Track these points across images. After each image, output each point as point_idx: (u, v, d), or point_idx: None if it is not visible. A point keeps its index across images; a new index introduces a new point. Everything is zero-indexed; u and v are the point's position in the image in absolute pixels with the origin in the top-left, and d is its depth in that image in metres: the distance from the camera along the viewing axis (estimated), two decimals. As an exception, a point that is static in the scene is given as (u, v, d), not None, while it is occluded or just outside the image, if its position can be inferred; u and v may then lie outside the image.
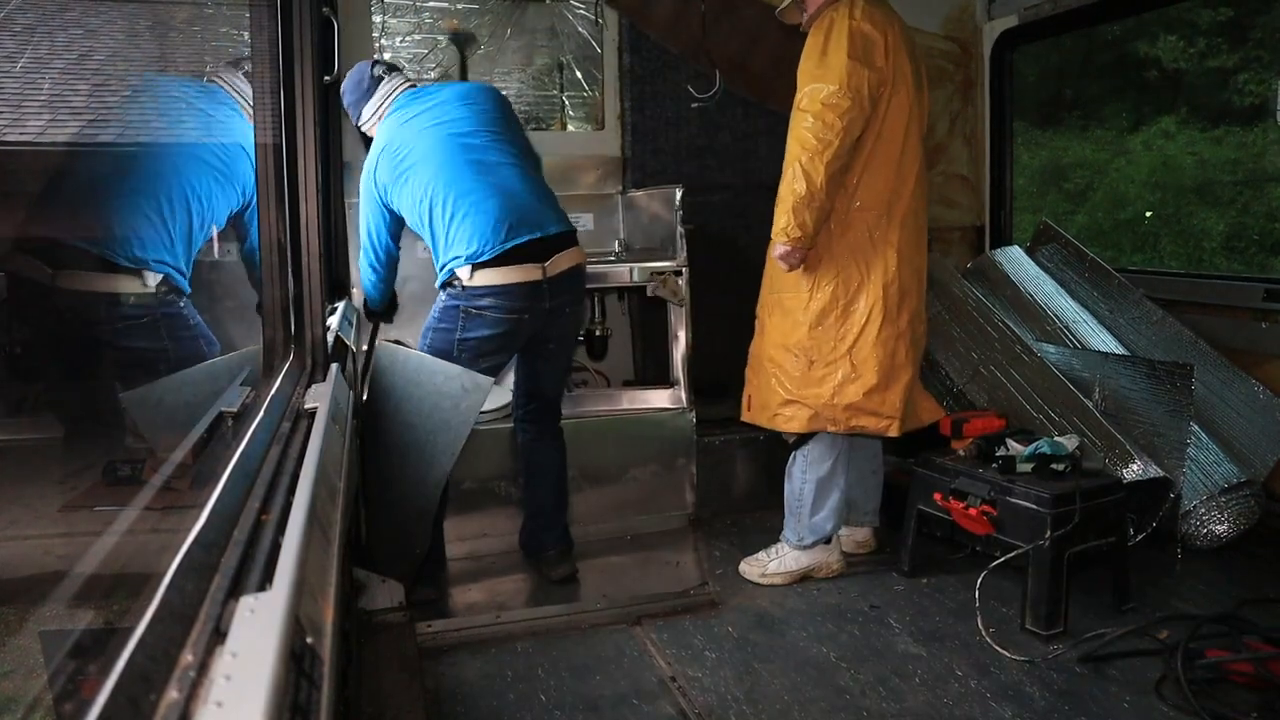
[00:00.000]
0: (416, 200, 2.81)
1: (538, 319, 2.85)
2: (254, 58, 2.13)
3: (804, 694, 2.33)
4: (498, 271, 2.76)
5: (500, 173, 2.83)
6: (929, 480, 2.88)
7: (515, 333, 2.84)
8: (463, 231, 2.74)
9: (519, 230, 2.77)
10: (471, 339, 2.80)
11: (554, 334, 2.96)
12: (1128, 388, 3.21)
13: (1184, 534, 3.08)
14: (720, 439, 3.59)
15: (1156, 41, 7.58)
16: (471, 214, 2.75)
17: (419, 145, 2.82)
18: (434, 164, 2.78)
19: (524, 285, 2.78)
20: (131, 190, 2.33)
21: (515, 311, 2.80)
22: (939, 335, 3.86)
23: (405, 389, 2.77)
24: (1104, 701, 2.26)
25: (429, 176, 2.78)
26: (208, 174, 2.48)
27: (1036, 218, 4.66)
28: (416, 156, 2.81)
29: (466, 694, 2.36)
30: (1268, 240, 7.04)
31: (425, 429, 2.76)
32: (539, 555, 3.09)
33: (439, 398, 2.75)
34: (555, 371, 3.08)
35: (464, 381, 2.75)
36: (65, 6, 2.43)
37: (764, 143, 4.30)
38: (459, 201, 2.76)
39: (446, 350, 2.81)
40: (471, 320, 2.80)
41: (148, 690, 0.71)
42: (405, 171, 2.81)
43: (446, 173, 2.78)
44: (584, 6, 4.01)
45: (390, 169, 2.84)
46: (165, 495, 1.47)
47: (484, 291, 2.76)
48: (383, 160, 2.86)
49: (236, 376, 2.02)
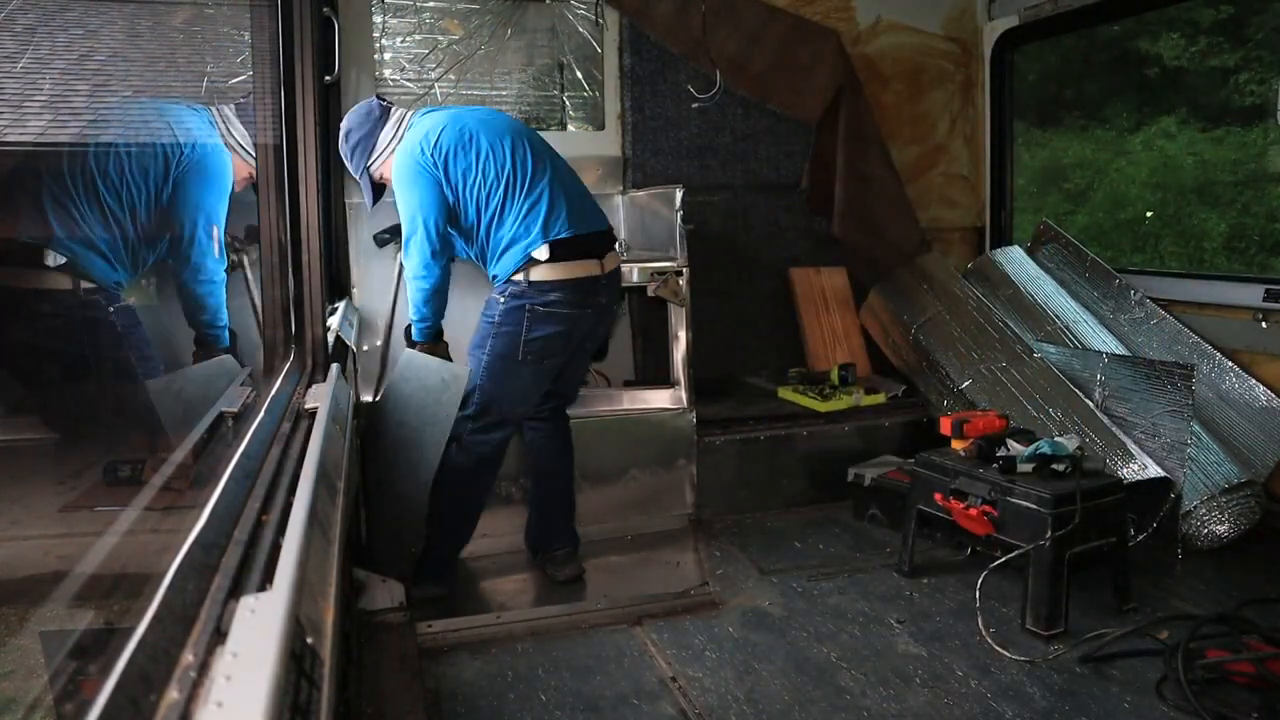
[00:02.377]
0: (491, 175, 2.68)
1: (595, 315, 2.85)
2: (254, 58, 2.13)
3: (804, 694, 2.33)
4: (565, 266, 2.72)
5: (560, 166, 2.85)
6: (929, 480, 2.88)
7: (575, 330, 2.81)
8: (539, 210, 2.70)
9: (585, 222, 2.78)
10: (538, 338, 2.75)
11: (596, 332, 2.96)
12: (1128, 388, 3.21)
13: (1184, 534, 3.08)
14: (720, 439, 3.59)
15: (1157, 41, 7.58)
16: (548, 194, 2.72)
17: (485, 124, 2.75)
18: (508, 141, 2.73)
19: (587, 280, 2.77)
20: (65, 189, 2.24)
21: (579, 307, 2.77)
22: (939, 335, 3.86)
23: (396, 385, 2.77)
24: (1104, 702, 2.26)
25: (506, 151, 2.71)
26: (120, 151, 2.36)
27: (1036, 218, 4.66)
28: (487, 133, 2.73)
29: (467, 694, 2.36)
30: (1268, 240, 7.04)
31: (414, 425, 2.75)
32: (545, 555, 3.08)
33: (424, 393, 2.74)
34: (580, 370, 3.08)
35: (443, 374, 2.73)
36: (65, 7, 2.42)
37: (764, 143, 4.31)
38: (536, 180, 2.72)
39: (512, 354, 2.74)
40: (538, 319, 2.73)
41: (148, 690, 0.71)
42: (477, 146, 2.70)
43: (522, 151, 2.73)
44: (584, 6, 4.01)
45: (456, 142, 2.69)
46: (165, 496, 1.47)
47: (550, 287, 2.72)
48: (445, 134, 2.70)
49: (236, 377, 2.02)
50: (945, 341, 3.81)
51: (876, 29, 4.46)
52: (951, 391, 3.70)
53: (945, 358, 3.77)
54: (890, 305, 4.14)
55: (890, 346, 4.16)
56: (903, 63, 4.53)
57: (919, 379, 3.94)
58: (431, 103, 3.82)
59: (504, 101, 3.96)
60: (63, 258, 2.15)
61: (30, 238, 2.16)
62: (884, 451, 3.72)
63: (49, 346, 2.18)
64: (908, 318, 4.01)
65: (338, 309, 2.96)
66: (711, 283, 4.05)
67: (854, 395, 3.83)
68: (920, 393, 3.93)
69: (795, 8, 4.23)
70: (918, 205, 4.43)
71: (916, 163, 4.59)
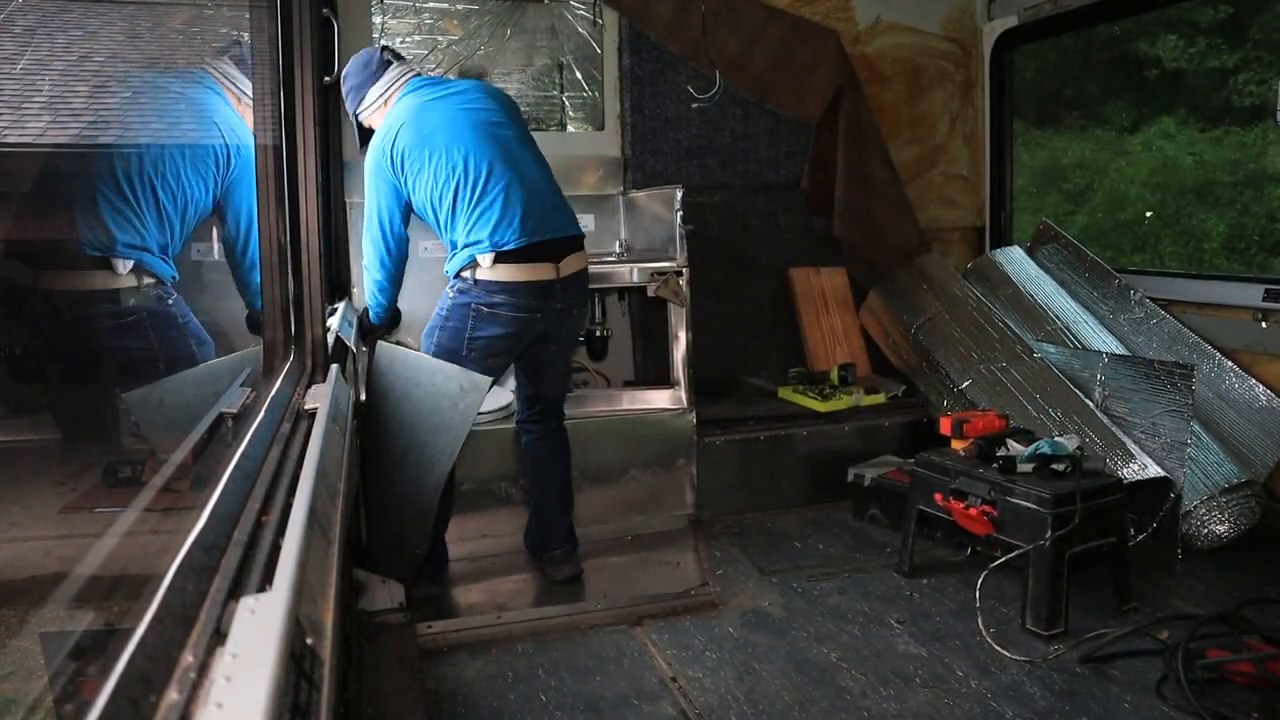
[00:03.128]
0: (442, 178, 2.71)
1: (548, 319, 2.84)
2: (254, 58, 2.13)
3: (804, 694, 2.33)
4: (515, 268, 2.73)
5: (525, 168, 2.82)
6: (929, 480, 2.88)
7: (524, 332, 2.82)
8: (489, 216, 2.70)
9: (542, 229, 2.75)
10: (482, 337, 2.78)
11: (559, 335, 2.95)
12: (1128, 388, 3.21)
13: (1184, 534, 3.08)
14: (720, 439, 3.59)
15: (1156, 41, 7.58)
16: (500, 200, 2.71)
17: (447, 123, 2.75)
18: (465, 143, 2.72)
19: (538, 284, 2.76)
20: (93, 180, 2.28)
21: (528, 310, 2.78)
22: (939, 335, 3.86)
23: (405, 389, 2.77)
24: (1104, 702, 2.26)
25: (460, 154, 2.71)
26: (175, 155, 2.41)
27: (1036, 218, 4.66)
28: (446, 134, 2.73)
29: (467, 694, 2.36)
30: (1267, 240, 7.04)
31: (425, 429, 2.75)
32: (544, 555, 3.08)
33: (438, 398, 2.75)
34: (558, 374, 3.08)
35: (462, 382, 2.74)
36: (64, 8, 2.42)
37: (764, 143, 4.31)
38: (489, 185, 2.71)
39: (456, 349, 2.78)
40: (483, 318, 2.76)
41: (148, 691, 0.71)
42: (431, 146, 2.72)
43: (478, 154, 2.72)
44: (584, 6, 4.01)
45: (413, 142, 2.73)
46: (165, 496, 1.47)
47: (498, 288, 2.73)
48: (404, 133, 2.74)
49: (237, 377, 2.02)
50: (945, 341, 3.81)
51: (876, 29, 4.46)
52: (951, 391, 3.70)
53: (945, 358, 3.77)
54: (890, 305, 4.14)
55: (890, 346, 4.16)
56: (902, 63, 4.53)
57: (919, 379, 3.94)
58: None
59: (504, 102, 3.96)
60: (129, 260, 2.19)
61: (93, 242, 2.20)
62: (884, 451, 3.72)
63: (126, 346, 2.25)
64: (908, 318, 4.02)
65: (338, 309, 2.95)
66: (711, 283, 4.05)
67: (854, 395, 3.83)
68: (920, 393, 3.93)
69: (795, 8, 4.23)
70: (918, 205, 4.43)
71: (916, 163, 4.60)
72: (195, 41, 2.96)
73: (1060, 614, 2.58)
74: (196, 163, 2.45)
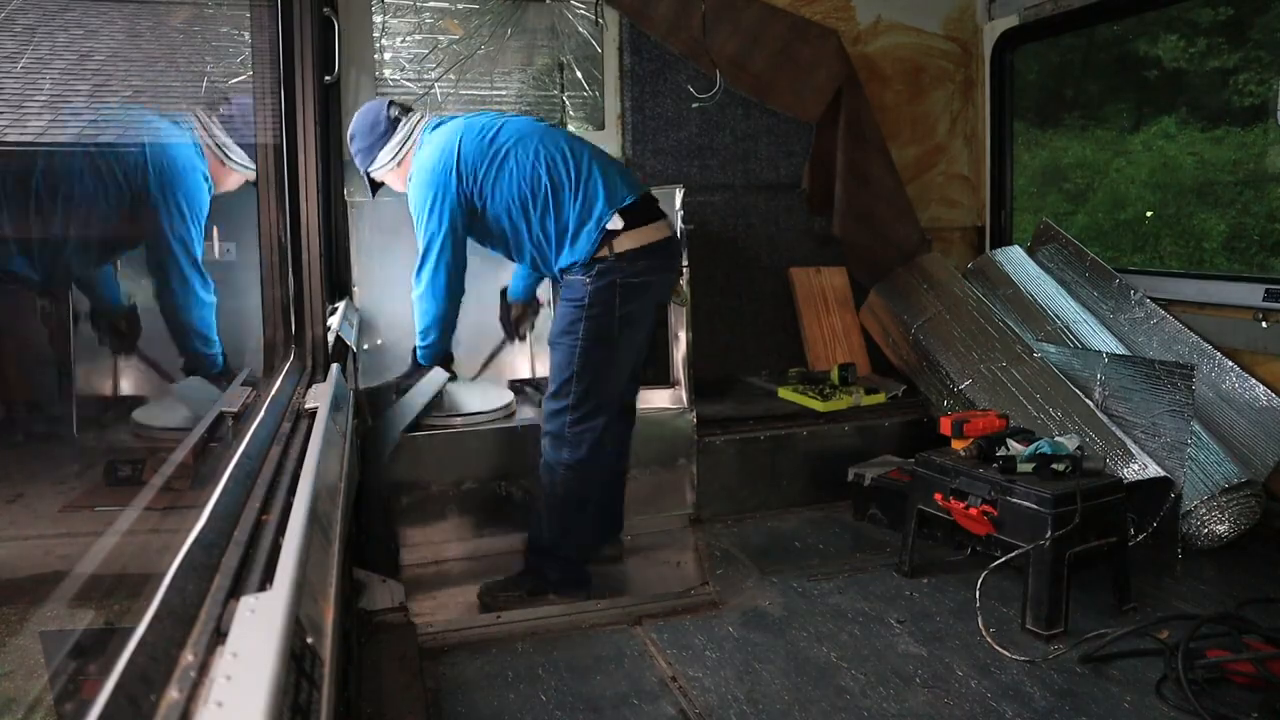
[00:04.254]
0: (527, 167, 2.64)
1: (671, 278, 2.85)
2: (254, 58, 2.13)
3: (804, 694, 2.33)
4: (642, 232, 2.68)
5: (587, 143, 2.82)
6: (929, 480, 2.88)
7: (658, 296, 2.79)
8: (594, 184, 2.66)
9: (638, 189, 2.75)
10: (633, 309, 2.70)
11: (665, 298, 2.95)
12: (1128, 387, 3.21)
13: (1184, 534, 3.08)
14: (720, 439, 3.59)
15: (1157, 42, 7.58)
16: (596, 167, 2.69)
17: (500, 126, 2.72)
18: (530, 134, 2.70)
19: (666, 242, 2.76)
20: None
21: (666, 270, 2.77)
22: (939, 335, 3.86)
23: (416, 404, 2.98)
24: (1104, 702, 2.26)
25: (535, 141, 2.68)
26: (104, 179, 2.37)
27: (1036, 218, 4.65)
28: (506, 133, 2.70)
29: (467, 694, 2.36)
30: (1268, 240, 7.04)
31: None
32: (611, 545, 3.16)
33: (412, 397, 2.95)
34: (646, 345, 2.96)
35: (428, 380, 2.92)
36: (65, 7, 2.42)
37: (764, 143, 4.31)
38: (578, 159, 2.68)
39: (607, 334, 2.68)
40: (630, 291, 2.67)
41: (148, 690, 0.71)
42: (497, 146, 2.66)
43: (549, 139, 2.70)
44: (584, 6, 4.01)
45: (477, 150, 2.65)
46: (165, 496, 1.47)
47: (640, 254, 2.67)
48: (465, 145, 2.65)
49: (236, 377, 2.02)
50: (945, 341, 3.81)
51: (876, 29, 4.47)
52: (951, 391, 3.70)
53: (945, 358, 3.77)
54: (890, 305, 4.14)
55: (890, 346, 4.16)
56: (903, 63, 4.53)
57: (919, 379, 3.94)
58: (431, 102, 3.83)
59: (504, 101, 3.97)
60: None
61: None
62: (884, 451, 3.72)
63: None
64: (908, 318, 4.01)
65: (338, 309, 2.96)
66: (711, 283, 4.05)
67: (854, 395, 3.83)
68: (920, 393, 3.93)
69: (795, 8, 4.23)
70: (918, 205, 4.43)
71: (916, 163, 4.60)
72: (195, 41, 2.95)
73: (1060, 614, 2.58)
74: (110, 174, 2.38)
